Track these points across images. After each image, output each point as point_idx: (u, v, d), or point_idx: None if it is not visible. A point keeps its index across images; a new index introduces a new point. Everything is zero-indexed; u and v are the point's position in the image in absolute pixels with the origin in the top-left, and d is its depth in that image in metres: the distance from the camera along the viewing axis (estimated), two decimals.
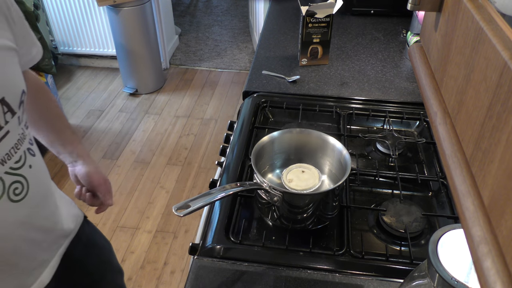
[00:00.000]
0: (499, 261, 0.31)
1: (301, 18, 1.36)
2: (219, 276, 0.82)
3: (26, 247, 0.76)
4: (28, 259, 0.78)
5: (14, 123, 0.68)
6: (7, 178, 0.67)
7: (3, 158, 0.66)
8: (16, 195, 0.69)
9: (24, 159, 0.71)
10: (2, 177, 0.66)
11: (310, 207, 0.87)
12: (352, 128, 1.23)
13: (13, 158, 0.68)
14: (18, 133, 0.69)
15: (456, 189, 0.40)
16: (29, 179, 0.71)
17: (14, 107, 0.67)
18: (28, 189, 0.71)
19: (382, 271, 0.82)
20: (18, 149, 0.69)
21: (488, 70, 0.36)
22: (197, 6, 4.58)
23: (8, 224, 0.69)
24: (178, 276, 1.95)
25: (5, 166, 0.66)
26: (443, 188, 1.00)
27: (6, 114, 0.65)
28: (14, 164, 0.68)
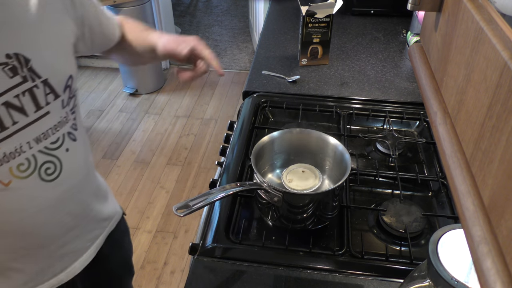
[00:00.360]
0: (499, 261, 0.31)
1: (301, 18, 1.36)
2: (219, 276, 0.82)
3: (54, 229, 0.77)
4: (56, 242, 0.79)
5: (57, 105, 0.70)
6: (40, 156, 0.69)
7: (38, 136, 0.68)
8: (48, 175, 0.71)
9: (62, 141, 0.73)
10: (35, 154, 0.68)
11: (310, 207, 0.87)
12: (352, 128, 1.23)
13: (49, 138, 0.70)
14: (59, 115, 0.71)
15: (456, 189, 0.40)
16: (63, 161, 0.73)
17: (58, 90, 0.70)
18: (61, 171, 0.73)
19: (382, 271, 0.82)
20: (57, 131, 0.71)
21: (488, 70, 0.36)
22: (197, 6, 4.58)
23: (37, 203, 0.71)
24: (178, 276, 1.95)
25: (40, 144, 0.69)
26: (443, 188, 1.00)
27: (48, 96, 0.68)
28: (50, 144, 0.70)
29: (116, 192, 2.37)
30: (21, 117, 0.65)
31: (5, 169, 0.65)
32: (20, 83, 0.64)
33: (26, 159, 0.67)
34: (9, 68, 0.62)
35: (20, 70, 0.63)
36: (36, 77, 0.66)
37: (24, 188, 0.68)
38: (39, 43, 0.67)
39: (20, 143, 0.66)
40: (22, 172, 0.67)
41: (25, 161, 0.67)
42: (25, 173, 0.67)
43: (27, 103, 0.65)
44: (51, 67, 0.69)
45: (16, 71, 0.63)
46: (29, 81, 0.65)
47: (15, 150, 0.65)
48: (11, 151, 0.65)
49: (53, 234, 0.77)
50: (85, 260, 0.87)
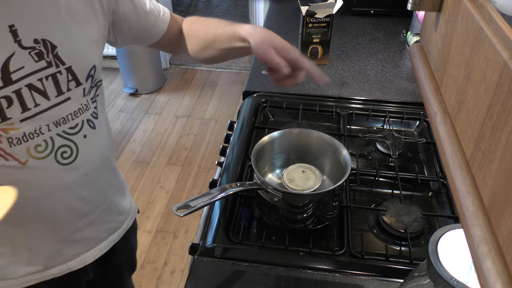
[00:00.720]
0: (499, 261, 0.31)
1: (301, 18, 1.36)
2: (219, 276, 0.82)
3: (67, 213, 0.79)
4: (69, 227, 0.81)
5: (78, 93, 0.73)
6: (57, 139, 0.71)
7: (58, 120, 0.70)
8: (64, 158, 0.73)
9: (81, 127, 0.75)
10: (53, 137, 0.70)
11: (310, 207, 0.87)
12: (352, 128, 1.23)
13: (68, 123, 0.72)
14: (80, 103, 0.74)
15: (456, 189, 0.40)
16: (80, 147, 0.75)
17: (80, 78, 0.72)
18: (77, 156, 0.75)
19: (382, 271, 0.82)
20: (77, 117, 0.74)
21: (488, 70, 0.36)
22: (197, 6, 4.58)
23: (50, 184, 0.73)
24: (178, 276, 1.95)
25: (58, 128, 0.71)
26: (443, 188, 1.00)
27: (70, 82, 0.71)
28: (69, 129, 0.73)
29: None
30: (43, 100, 0.67)
31: (23, 149, 0.67)
32: (44, 67, 0.66)
33: (44, 141, 0.69)
34: (36, 53, 0.65)
35: (46, 55, 0.66)
36: (60, 64, 0.68)
37: (40, 168, 0.70)
38: (67, 32, 0.69)
39: (39, 124, 0.68)
40: (39, 153, 0.69)
41: (42, 143, 0.69)
42: (42, 154, 0.70)
43: (50, 87, 0.68)
44: (76, 56, 0.71)
45: (42, 56, 0.66)
46: (54, 66, 0.68)
47: (34, 131, 0.68)
48: (30, 132, 0.67)
49: (66, 217, 0.79)
50: (99, 251, 0.89)
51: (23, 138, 0.67)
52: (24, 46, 0.63)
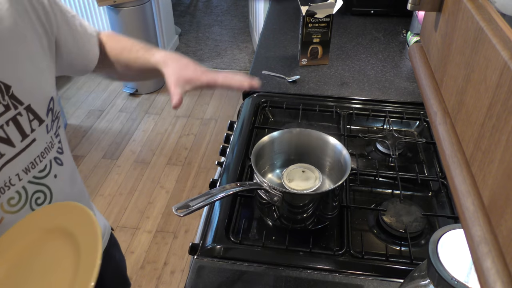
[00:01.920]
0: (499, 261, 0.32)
1: (301, 18, 1.36)
2: (219, 276, 0.82)
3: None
4: None
5: (42, 131, 0.66)
6: (30, 187, 0.65)
7: (27, 167, 0.64)
8: (38, 204, 0.67)
9: (50, 168, 0.69)
10: (25, 186, 0.64)
11: (310, 207, 0.87)
12: (352, 128, 1.23)
13: (37, 167, 0.66)
14: (45, 141, 0.67)
15: (456, 189, 0.40)
16: (53, 189, 0.70)
17: (41, 115, 0.66)
18: (51, 199, 0.69)
19: (382, 271, 0.82)
20: (44, 157, 0.67)
21: (488, 70, 0.36)
22: (197, 6, 4.58)
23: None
24: (178, 276, 1.95)
25: (29, 175, 0.65)
26: (443, 188, 1.00)
27: (33, 122, 0.64)
28: (38, 173, 0.67)
29: (116, 192, 2.37)
30: (8, 148, 0.61)
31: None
32: (3, 112, 0.59)
33: (16, 192, 0.63)
34: None
35: (1, 98, 0.59)
36: (18, 104, 0.61)
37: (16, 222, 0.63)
38: (17, 68, 0.62)
39: (9, 176, 0.61)
40: (12, 206, 0.63)
41: (15, 195, 0.63)
42: (16, 207, 0.64)
43: (13, 132, 0.61)
44: (33, 91, 0.64)
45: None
46: (12, 109, 0.60)
47: (4, 184, 0.61)
48: (1, 186, 0.60)
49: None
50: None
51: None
52: None
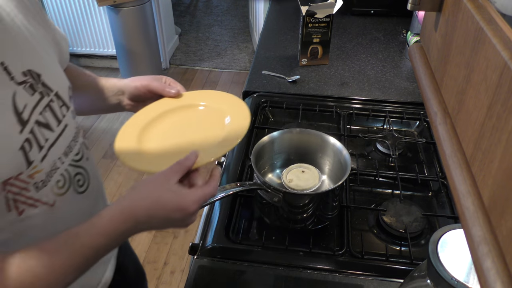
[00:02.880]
0: (499, 261, 0.32)
1: (301, 18, 1.36)
2: (219, 276, 0.82)
3: None
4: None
5: (70, 117, 0.70)
6: (71, 170, 0.69)
7: (65, 150, 0.67)
8: (80, 186, 0.71)
9: (82, 151, 0.73)
10: (67, 169, 0.68)
11: (310, 207, 0.87)
12: (352, 128, 1.23)
13: (73, 150, 0.70)
14: (74, 126, 0.71)
15: (456, 189, 0.40)
16: (88, 170, 0.73)
17: (67, 102, 0.69)
18: (89, 181, 0.73)
19: (382, 271, 0.82)
20: (76, 142, 0.71)
21: (488, 70, 0.36)
22: (197, 6, 4.58)
23: (76, 216, 0.70)
24: (178, 276, 1.95)
25: (68, 158, 0.68)
26: (443, 188, 1.00)
27: (62, 108, 0.68)
28: (75, 156, 0.70)
29: (117, 192, 2.37)
30: (49, 133, 0.64)
31: (48, 190, 0.64)
32: (40, 99, 0.63)
33: (61, 175, 0.67)
34: (29, 86, 0.61)
35: (36, 86, 0.62)
36: (49, 91, 0.65)
37: (65, 204, 0.67)
38: (41, 57, 0.66)
39: (53, 160, 0.65)
40: (60, 188, 0.67)
41: (61, 177, 0.67)
42: (63, 189, 0.67)
43: (50, 118, 0.64)
44: (57, 79, 0.68)
45: (33, 87, 0.62)
46: (46, 96, 0.64)
47: (52, 168, 0.64)
48: (50, 170, 0.64)
49: None
50: (112, 267, 0.86)
51: (46, 178, 0.63)
52: (18, 82, 0.59)
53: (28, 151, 0.59)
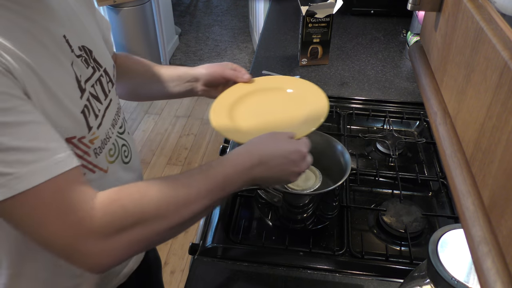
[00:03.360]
0: (499, 261, 0.32)
1: (301, 18, 1.36)
2: (219, 276, 0.82)
3: None
4: None
5: (114, 93, 0.74)
6: (119, 141, 0.73)
7: (112, 122, 0.72)
8: (125, 157, 0.75)
9: (124, 126, 0.77)
10: (116, 139, 0.72)
11: (310, 207, 0.87)
12: (352, 128, 1.23)
13: (118, 123, 0.74)
14: (117, 102, 0.75)
15: (456, 189, 0.40)
16: (130, 144, 0.78)
17: (113, 78, 0.74)
18: (132, 153, 0.77)
19: (382, 271, 0.82)
20: (119, 116, 0.75)
21: (488, 70, 0.36)
22: (197, 6, 4.58)
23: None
24: (178, 276, 1.95)
25: (115, 129, 0.72)
26: (443, 188, 1.00)
27: (108, 84, 0.72)
28: (119, 129, 0.74)
29: None
30: (99, 105, 0.68)
31: (103, 156, 0.68)
32: (92, 73, 0.67)
33: (112, 144, 0.71)
34: (84, 60, 0.65)
35: (89, 61, 0.67)
36: (100, 67, 0.70)
37: (115, 172, 0.71)
38: (92, 34, 0.70)
39: (106, 129, 0.69)
40: (111, 156, 0.70)
41: (112, 146, 0.71)
42: (113, 157, 0.71)
43: (99, 91, 0.69)
44: (105, 57, 0.73)
45: (87, 62, 0.66)
46: (97, 71, 0.69)
47: (106, 136, 0.69)
48: (104, 138, 0.68)
49: None
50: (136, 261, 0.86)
51: (102, 145, 0.67)
52: (76, 54, 0.63)
53: (88, 116, 0.63)
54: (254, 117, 0.84)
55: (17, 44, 0.51)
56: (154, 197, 0.57)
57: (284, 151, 0.69)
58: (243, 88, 0.91)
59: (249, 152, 0.67)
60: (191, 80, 0.92)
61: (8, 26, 0.52)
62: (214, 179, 0.63)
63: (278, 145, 0.70)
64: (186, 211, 0.60)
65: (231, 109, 0.86)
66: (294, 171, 0.70)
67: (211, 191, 0.62)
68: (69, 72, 0.61)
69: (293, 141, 0.71)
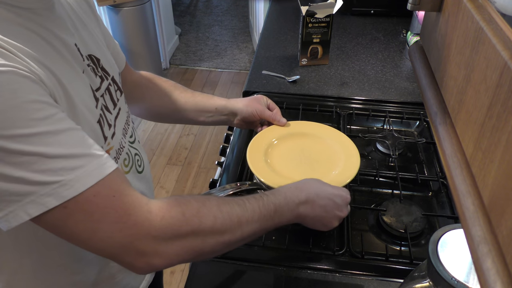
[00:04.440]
0: (499, 261, 0.32)
1: (301, 18, 1.36)
2: (219, 276, 0.82)
3: None
4: None
5: (123, 101, 0.73)
6: (131, 150, 0.72)
7: (123, 132, 0.70)
8: (139, 166, 0.74)
9: (134, 134, 0.77)
10: (129, 149, 0.71)
11: None
12: (352, 128, 1.23)
13: (128, 133, 0.73)
14: (126, 110, 0.74)
15: (456, 189, 0.40)
16: (141, 153, 0.77)
17: (121, 86, 0.73)
18: (144, 162, 0.76)
19: (382, 271, 0.82)
20: (129, 125, 0.74)
21: (488, 70, 0.36)
22: (197, 6, 4.59)
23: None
24: (178, 276, 1.95)
25: (127, 138, 0.71)
26: (443, 188, 1.00)
27: (117, 92, 0.71)
28: (130, 138, 0.73)
29: None
30: (109, 115, 0.67)
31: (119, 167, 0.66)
32: (101, 82, 0.66)
33: (126, 154, 0.70)
34: (92, 69, 0.64)
35: (96, 70, 0.66)
36: (107, 75, 0.69)
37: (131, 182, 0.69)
38: (98, 44, 0.69)
39: (119, 138, 0.68)
40: (126, 166, 0.70)
41: (126, 156, 0.70)
42: (127, 167, 0.70)
43: (108, 101, 0.67)
44: (112, 65, 0.72)
45: (95, 71, 0.65)
46: (105, 79, 0.68)
47: (120, 146, 0.68)
48: (118, 148, 0.67)
49: None
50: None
51: (117, 155, 0.66)
52: (86, 64, 0.63)
53: (103, 126, 0.62)
54: (289, 163, 0.90)
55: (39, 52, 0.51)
56: (212, 210, 0.58)
57: (330, 194, 0.73)
58: (279, 130, 0.98)
59: (298, 189, 0.72)
60: (229, 114, 0.95)
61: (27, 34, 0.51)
62: (267, 206, 0.66)
63: (325, 187, 0.74)
64: (239, 230, 0.61)
65: (266, 151, 0.92)
66: (336, 214, 0.74)
67: (263, 217, 0.64)
68: (85, 81, 0.60)
69: (337, 186, 0.76)
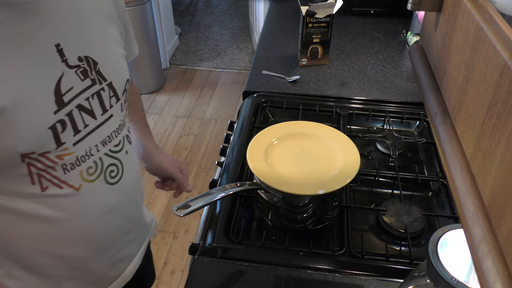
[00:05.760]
0: (499, 261, 0.32)
1: (301, 18, 1.36)
2: (219, 276, 0.82)
3: (114, 234, 0.78)
4: (115, 247, 0.79)
5: (118, 109, 0.72)
6: (105, 159, 0.71)
7: (104, 140, 0.70)
8: (112, 177, 0.73)
9: (123, 144, 0.75)
10: (102, 157, 0.70)
11: (310, 207, 0.87)
12: (352, 128, 1.23)
13: (113, 141, 0.72)
14: (120, 118, 0.74)
15: (456, 189, 0.40)
16: (124, 164, 0.75)
17: (119, 93, 0.72)
18: (122, 173, 0.75)
19: (382, 271, 0.82)
20: (119, 133, 0.73)
21: (488, 70, 0.36)
22: (197, 6, 4.58)
23: (102, 206, 0.72)
24: (178, 276, 1.95)
25: (105, 147, 0.70)
26: (443, 188, 1.00)
27: (112, 99, 0.70)
28: (114, 147, 0.72)
29: None
30: (91, 120, 0.66)
31: (76, 173, 0.66)
32: (90, 85, 0.65)
33: (94, 162, 0.68)
34: (81, 71, 0.64)
35: (89, 73, 0.65)
36: (102, 80, 0.68)
37: (92, 191, 0.69)
38: (104, 47, 0.69)
39: (89, 146, 0.67)
40: (90, 175, 0.68)
41: (93, 164, 0.68)
42: (93, 176, 0.69)
43: (95, 106, 0.67)
44: (115, 71, 0.71)
45: (86, 73, 0.65)
46: (97, 83, 0.67)
47: (85, 153, 0.67)
48: (82, 155, 0.66)
49: (113, 238, 0.78)
50: (134, 266, 0.87)
51: (76, 162, 0.65)
52: (70, 65, 0.62)
53: (60, 132, 0.61)
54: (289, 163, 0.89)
55: None
56: None
57: None
58: (279, 131, 0.98)
59: None
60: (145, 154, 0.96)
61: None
62: None
63: None
64: None
65: (266, 151, 0.91)
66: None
67: None
68: (47, 85, 0.59)
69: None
